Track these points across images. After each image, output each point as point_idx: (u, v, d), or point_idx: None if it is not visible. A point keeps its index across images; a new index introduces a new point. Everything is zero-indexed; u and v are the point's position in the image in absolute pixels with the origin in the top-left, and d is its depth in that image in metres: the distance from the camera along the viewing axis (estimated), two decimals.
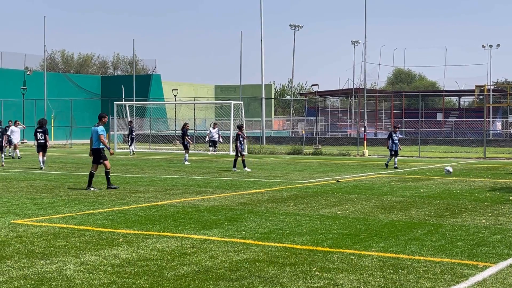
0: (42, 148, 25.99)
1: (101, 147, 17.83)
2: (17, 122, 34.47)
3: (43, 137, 26.14)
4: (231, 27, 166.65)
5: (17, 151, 32.06)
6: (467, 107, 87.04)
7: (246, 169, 24.69)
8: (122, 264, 8.28)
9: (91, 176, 17.73)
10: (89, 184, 17.63)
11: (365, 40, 45.46)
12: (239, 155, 24.83)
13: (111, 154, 18.94)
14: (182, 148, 31.00)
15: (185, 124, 30.90)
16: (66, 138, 54.12)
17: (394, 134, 27.12)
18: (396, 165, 26.66)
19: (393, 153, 26.85)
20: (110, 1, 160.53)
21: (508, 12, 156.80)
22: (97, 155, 17.80)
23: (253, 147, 41.79)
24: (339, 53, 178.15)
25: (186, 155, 29.38)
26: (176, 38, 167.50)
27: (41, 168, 25.24)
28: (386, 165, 26.68)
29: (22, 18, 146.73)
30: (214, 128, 39.31)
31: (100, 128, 17.80)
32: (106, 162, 17.81)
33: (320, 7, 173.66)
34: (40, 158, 25.75)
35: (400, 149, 27.25)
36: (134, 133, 39.31)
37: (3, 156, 27.71)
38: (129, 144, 39.03)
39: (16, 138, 32.45)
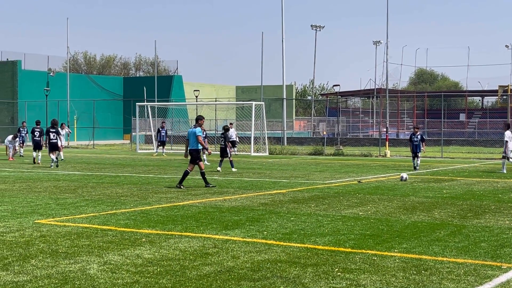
0: (54, 147, 26.98)
1: (199, 147, 18.53)
2: (63, 125, 33.96)
3: (55, 138, 27.16)
4: (252, 28, 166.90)
5: (61, 153, 30.55)
6: (491, 107, 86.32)
7: (233, 169, 25.23)
8: (145, 264, 8.33)
9: (186, 174, 18.34)
10: (181, 181, 18.23)
11: (387, 40, 45.19)
12: (229, 155, 25.61)
13: (209, 154, 19.28)
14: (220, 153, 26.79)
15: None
16: (88, 139, 54.52)
17: (413, 136, 26.34)
18: (417, 166, 26.02)
19: (413, 154, 26.29)
20: (133, 3, 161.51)
21: None
22: (195, 156, 18.44)
23: (274, 148, 41.79)
24: (361, 53, 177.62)
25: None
26: (197, 39, 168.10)
27: (54, 165, 26.26)
28: (414, 168, 25.95)
29: (45, 20, 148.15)
30: (231, 128, 39.42)
31: (198, 130, 18.54)
32: (201, 163, 18.53)
33: (341, 7, 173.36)
34: (53, 156, 26.73)
35: (422, 150, 26.55)
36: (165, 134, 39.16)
37: (34, 154, 28.96)
38: (158, 145, 39.16)
39: (61, 141, 30.06)
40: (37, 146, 29.09)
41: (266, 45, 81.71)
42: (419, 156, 26.37)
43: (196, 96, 56.41)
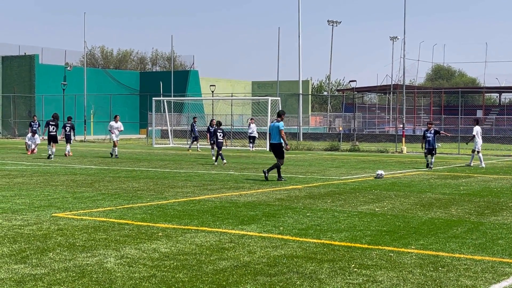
0: (53, 139, 28.32)
1: (279, 141, 19.10)
2: (117, 117, 31.14)
3: (54, 130, 28.75)
4: (269, 23, 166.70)
5: (116, 148, 29.57)
6: (508, 104, 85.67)
7: (224, 161, 25.73)
8: (162, 258, 8.35)
9: (277, 167, 19.09)
10: (279, 176, 19.04)
11: (404, 36, 44.92)
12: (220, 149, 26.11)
13: (287, 149, 19.67)
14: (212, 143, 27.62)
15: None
16: (105, 133, 54.74)
17: (427, 132, 25.01)
18: (430, 165, 24.35)
19: (426, 151, 24.78)
20: None
21: None
22: (278, 149, 19.11)
23: (290, 143, 41.66)
24: (377, 49, 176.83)
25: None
26: (214, 35, 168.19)
27: (49, 157, 27.72)
28: (427, 165, 24.48)
29: (63, 14, 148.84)
30: (252, 123, 39.52)
31: (281, 124, 19.05)
32: (282, 159, 19.22)
33: (358, 3, 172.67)
34: (53, 149, 28.02)
35: (437, 146, 25.34)
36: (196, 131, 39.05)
37: (67, 147, 30.81)
38: (192, 140, 39.17)
39: (115, 135, 30.19)
40: (67, 140, 30.94)
41: (283, 41, 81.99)
42: (434, 153, 24.83)
43: (212, 91, 56.46)
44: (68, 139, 30.67)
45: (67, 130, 30.93)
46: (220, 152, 25.96)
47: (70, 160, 27.78)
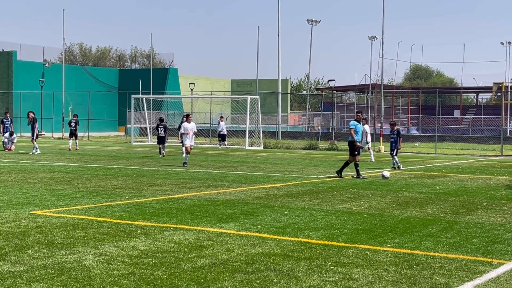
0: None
1: (351, 139, 20.05)
2: (190, 116, 25.44)
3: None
4: (248, 21, 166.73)
5: (188, 156, 24.33)
6: (485, 104, 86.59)
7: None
8: (140, 256, 8.41)
9: (356, 166, 20.04)
10: (358, 174, 19.85)
11: (382, 36, 45.29)
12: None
13: (357, 146, 20.21)
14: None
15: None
16: (83, 131, 54.47)
17: (390, 133, 24.89)
18: (399, 164, 24.17)
19: (391, 153, 24.53)
20: None
21: None
22: (350, 146, 20.21)
23: (268, 142, 41.89)
24: (356, 48, 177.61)
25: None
26: (193, 32, 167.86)
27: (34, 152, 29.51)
28: (397, 167, 24.12)
29: (41, 11, 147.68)
30: (221, 121, 39.74)
31: (352, 123, 20.21)
32: (357, 156, 20.16)
33: (337, 2, 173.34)
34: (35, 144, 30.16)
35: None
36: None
37: (70, 141, 34.17)
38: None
39: (190, 138, 24.21)
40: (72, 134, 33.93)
41: (262, 39, 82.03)
42: (394, 154, 24.29)
43: (192, 89, 56.42)
44: (72, 134, 33.71)
45: (73, 126, 33.69)
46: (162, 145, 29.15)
47: (48, 157, 27.65)
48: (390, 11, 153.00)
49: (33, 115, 31.46)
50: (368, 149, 28.43)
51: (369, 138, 28.07)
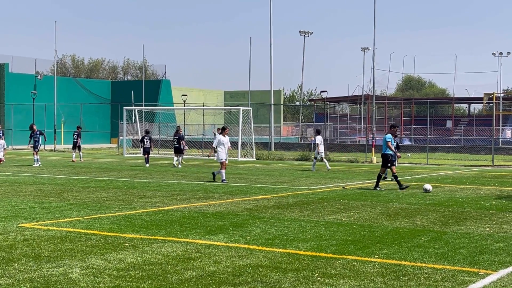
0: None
1: (388, 152, 19.95)
2: (226, 130, 23.50)
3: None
4: (241, 33, 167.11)
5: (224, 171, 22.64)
6: (477, 114, 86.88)
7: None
8: (127, 268, 8.40)
9: (379, 177, 20.13)
10: (377, 185, 19.90)
11: (374, 47, 45.46)
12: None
13: (398, 157, 20.35)
14: (178, 152, 31.55)
15: (178, 129, 33.44)
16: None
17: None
18: (385, 175, 23.14)
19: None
20: (121, 6, 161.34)
21: None
22: (386, 160, 20.08)
23: (261, 153, 41.89)
24: (349, 59, 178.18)
25: (181, 158, 31.54)
26: (186, 44, 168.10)
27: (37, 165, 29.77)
28: (385, 178, 23.25)
29: (33, 23, 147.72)
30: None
31: (388, 136, 20.05)
32: (393, 167, 20.20)
33: (330, 14, 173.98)
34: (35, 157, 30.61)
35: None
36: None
37: (73, 153, 35.14)
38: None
39: (225, 152, 22.76)
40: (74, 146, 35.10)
41: (256, 51, 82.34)
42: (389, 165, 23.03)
43: (184, 101, 56.45)
44: (74, 146, 34.79)
45: (75, 138, 34.86)
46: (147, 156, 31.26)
47: (39, 169, 27.59)
48: (382, 22, 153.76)
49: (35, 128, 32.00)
50: (322, 158, 29.34)
51: (321, 148, 29.21)
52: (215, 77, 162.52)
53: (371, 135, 43.62)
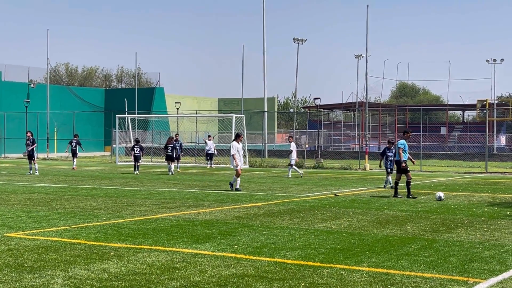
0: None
1: (403, 159, 19.66)
2: (241, 137, 23.27)
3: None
4: (235, 40, 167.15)
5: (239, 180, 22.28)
6: (471, 121, 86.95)
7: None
8: (110, 279, 8.24)
9: (396, 185, 19.95)
10: (396, 193, 19.83)
11: (366, 54, 45.36)
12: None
13: (403, 167, 19.72)
14: (173, 159, 32.70)
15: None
16: (65, 150, 54.14)
17: (388, 151, 23.85)
18: (392, 184, 22.95)
19: (389, 170, 23.71)
20: (114, 14, 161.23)
21: None
22: (399, 167, 19.89)
23: (254, 160, 41.75)
24: (343, 66, 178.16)
25: (173, 166, 32.29)
26: (180, 52, 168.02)
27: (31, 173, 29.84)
28: (385, 186, 23.79)
29: (26, 31, 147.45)
30: (209, 140, 39.57)
31: (400, 142, 19.95)
32: (408, 173, 19.74)
33: (323, 21, 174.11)
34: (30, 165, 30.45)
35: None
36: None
37: (74, 161, 35.85)
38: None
39: (240, 160, 22.05)
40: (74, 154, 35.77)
41: (250, 58, 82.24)
42: (391, 172, 23.56)
43: (177, 109, 56.33)
44: (74, 154, 35.27)
45: (73, 146, 35.29)
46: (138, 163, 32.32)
47: (30, 177, 27.40)
48: (376, 29, 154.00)
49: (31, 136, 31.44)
50: (292, 165, 29.79)
51: (294, 155, 29.79)
52: (209, 85, 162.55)
53: (365, 142, 43.53)
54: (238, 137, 22.22)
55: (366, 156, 39.59)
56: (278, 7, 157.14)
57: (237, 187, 21.65)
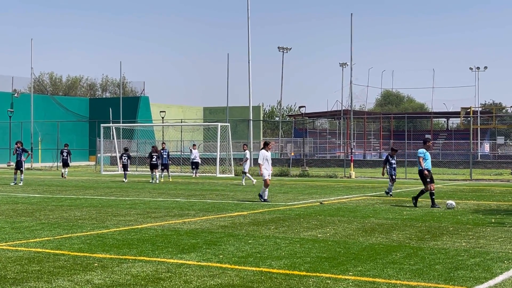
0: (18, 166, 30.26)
1: (424, 168, 19.45)
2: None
3: (19, 157, 30.07)
4: (220, 49, 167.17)
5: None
6: (455, 129, 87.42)
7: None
8: None
9: (431, 195, 19.52)
10: (433, 203, 19.35)
11: (351, 62, 45.55)
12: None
13: (425, 175, 19.49)
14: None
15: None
16: (52, 161, 53.84)
17: (391, 158, 23.97)
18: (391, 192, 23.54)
19: (393, 178, 23.69)
20: (99, 23, 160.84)
21: (495, 34, 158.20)
22: (422, 176, 19.64)
23: (240, 169, 41.66)
24: (328, 75, 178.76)
25: (158, 174, 32.69)
26: (164, 60, 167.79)
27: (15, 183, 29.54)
28: (387, 192, 23.54)
29: (10, 40, 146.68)
30: (194, 149, 39.53)
31: (420, 151, 19.71)
32: (432, 185, 19.58)
33: (308, 29, 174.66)
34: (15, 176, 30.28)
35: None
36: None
37: (66, 170, 36.41)
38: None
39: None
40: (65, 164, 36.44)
41: (235, 67, 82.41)
42: (395, 181, 24.27)
43: (162, 118, 56.19)
44: (65, 163, 36.14)
45: (64, 156, 36.32)
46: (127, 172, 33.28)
47: (14, 188, 27.18)
48: (361, 38, 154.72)
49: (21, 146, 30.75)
50: (245, 173, 30.88)
51: (247, 163, 31.62)
52: (194, 93, 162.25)
53: (350, 150, 43.62)
54: (266, 145, 20.91)
55: (352, 163, 39.67)
56: (262, 16, 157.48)
57: (265, 198, 20.78)
